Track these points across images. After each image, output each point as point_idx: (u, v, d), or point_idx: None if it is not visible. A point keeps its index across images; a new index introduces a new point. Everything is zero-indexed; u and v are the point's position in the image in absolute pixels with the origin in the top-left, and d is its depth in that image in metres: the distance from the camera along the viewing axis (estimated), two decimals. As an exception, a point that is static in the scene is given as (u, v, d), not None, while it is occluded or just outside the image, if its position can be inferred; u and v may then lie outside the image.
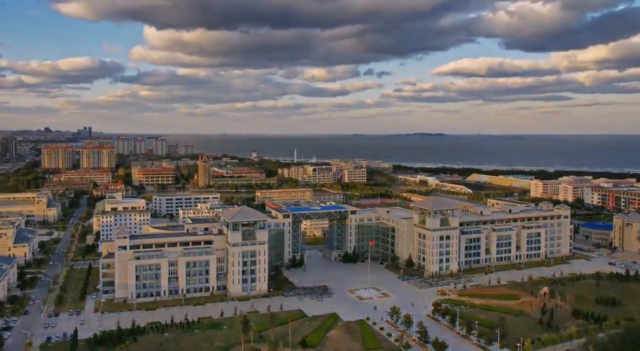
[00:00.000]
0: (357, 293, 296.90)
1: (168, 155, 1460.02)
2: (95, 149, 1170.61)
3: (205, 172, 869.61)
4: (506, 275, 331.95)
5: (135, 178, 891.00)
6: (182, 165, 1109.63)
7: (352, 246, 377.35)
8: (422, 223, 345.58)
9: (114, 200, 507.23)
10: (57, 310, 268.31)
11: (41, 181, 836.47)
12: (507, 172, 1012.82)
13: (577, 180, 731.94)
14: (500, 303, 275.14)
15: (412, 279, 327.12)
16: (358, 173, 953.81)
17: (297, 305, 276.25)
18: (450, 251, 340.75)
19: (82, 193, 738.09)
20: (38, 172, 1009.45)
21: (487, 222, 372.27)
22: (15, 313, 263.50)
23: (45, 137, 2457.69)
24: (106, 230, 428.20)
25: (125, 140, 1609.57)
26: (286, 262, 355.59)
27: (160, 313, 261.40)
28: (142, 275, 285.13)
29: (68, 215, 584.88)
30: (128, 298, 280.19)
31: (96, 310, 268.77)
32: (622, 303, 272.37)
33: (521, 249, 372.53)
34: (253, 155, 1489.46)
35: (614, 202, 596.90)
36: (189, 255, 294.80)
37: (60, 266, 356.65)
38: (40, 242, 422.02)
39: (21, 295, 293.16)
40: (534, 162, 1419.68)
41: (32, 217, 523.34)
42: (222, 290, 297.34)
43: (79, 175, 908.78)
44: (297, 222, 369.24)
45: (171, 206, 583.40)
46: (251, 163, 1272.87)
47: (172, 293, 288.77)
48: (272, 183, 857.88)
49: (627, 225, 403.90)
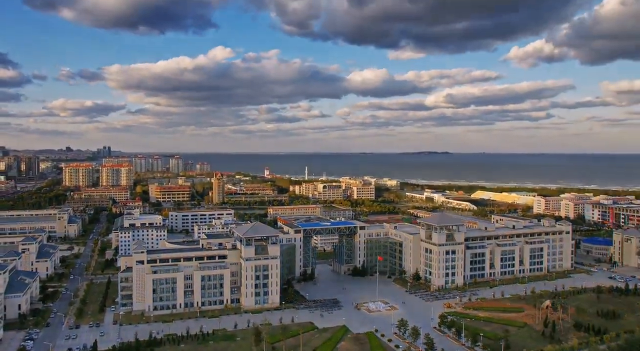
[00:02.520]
0: (366, 306, 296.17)
1: (184, 173, 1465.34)
2: (114, 167, 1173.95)
3: (219, 189, 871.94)
4: (510, 289, 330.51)
5: (152, 196, 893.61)
6: (198, 182, 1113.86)
7: (361, 260, 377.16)
8: (428, 239, 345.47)
9: (132, 217, 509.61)
10: (78, 322, 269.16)
11: (62, 198, 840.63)
12: (510, 189, 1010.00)
13: (578, 197, 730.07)
14: (504, 315, 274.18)
15: (419, 292, 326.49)
16: (366, 190, 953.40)
17: (308, 317, 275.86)
18: (455, 265, 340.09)
19: (102, 210, 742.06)
20: (59, 190, 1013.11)
21: (491, 238, 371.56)
22: (38, 325, 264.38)
23: (67, 156, 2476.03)
24: (124, 245, 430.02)
25: (143, 158, 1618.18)
26: (297, 276, 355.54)
27: (176, 325, 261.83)
28: (159, 288, 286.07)
29: (88, 231, 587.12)
30: (145, 311, 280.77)
31: (115, 322, 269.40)
32: (622, 316, 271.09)
33: (524, 264, 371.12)
34: (265, 173, 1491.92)
35: (613, 219, 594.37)
36: (204, 269, 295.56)
37: (80, 280, 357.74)
38: (61, 257, 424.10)
39: (43, 308, 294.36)
40: (537, 178, 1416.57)
41: (54, 233, 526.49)
42: (235, 303, 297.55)
43: (99, 192, 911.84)
44: (307, 237, 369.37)
45: (187, 222, 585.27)
46: (264, 180, 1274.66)
47: (188, 306, 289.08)
48: (283, 200, 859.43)
49: (627, 241, 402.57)
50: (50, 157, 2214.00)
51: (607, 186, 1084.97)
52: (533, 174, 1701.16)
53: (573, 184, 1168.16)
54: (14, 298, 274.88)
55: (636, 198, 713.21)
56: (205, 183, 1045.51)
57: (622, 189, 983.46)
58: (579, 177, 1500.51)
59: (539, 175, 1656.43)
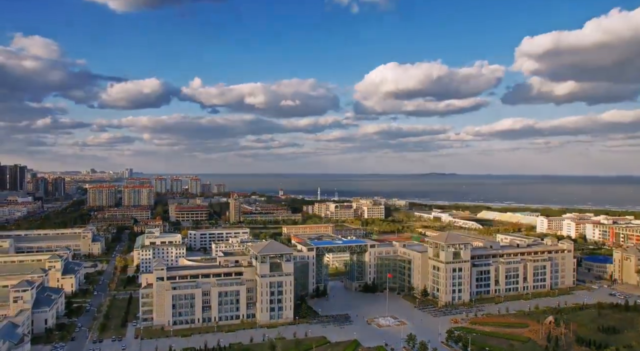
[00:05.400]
0: (376, 321, 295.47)
1: (202, 193, 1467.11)
2: (136, 188, 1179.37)
3: (236, 209, 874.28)
4: (514, 305, 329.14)
5: (172, 215, 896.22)
6: (215, 202, 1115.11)
7: (372, 277, 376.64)
8: (436, 256, 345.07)
9: (153, 235, 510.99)
10: (101, 336, 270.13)
11: (87, 218, 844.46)
12: (514, 209, 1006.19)
13: (580, 217, 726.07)
14: (509, 331, 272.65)
15: (427, 308, 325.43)
16: (376, 210, 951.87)
17: (321, 332, 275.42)
18: (462, 282, 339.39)
19: (124, 229, 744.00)
20: (84, 210, 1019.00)
21: (496, 255, 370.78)
22: (63, 339, 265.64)
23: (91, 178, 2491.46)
24: (145, 263, 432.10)
25: (163, 179, 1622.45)
26: (310, 292, 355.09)
27: (194, 339, 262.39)
28: (178, 304, 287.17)
29: (111, 249, 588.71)
30: (165, 326, 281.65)
31: (136, 336, 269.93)
32: (622, 332, 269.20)
33: (528, 281, 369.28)
34: (280, 193, 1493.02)
35: (613, 238, 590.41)
36: (221, 286, 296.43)
37: (103, 296, 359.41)
38: (85, 274, 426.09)
39: (68, 322, 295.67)
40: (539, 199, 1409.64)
41: (79, 251, 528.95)
42: (251, 317, 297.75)
43: (121, 212, 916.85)
44: (320, 254, 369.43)
45: (205, 240, 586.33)
46: (278, 200, 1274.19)
47: (206, 321, 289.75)
48: (297, 219, 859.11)
49: (626, 259, 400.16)
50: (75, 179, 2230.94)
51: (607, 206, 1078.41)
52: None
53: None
54: (41, 313, 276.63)
55: (635, 218, 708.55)
56: (222, 203, 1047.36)
57: (621, 210, 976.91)
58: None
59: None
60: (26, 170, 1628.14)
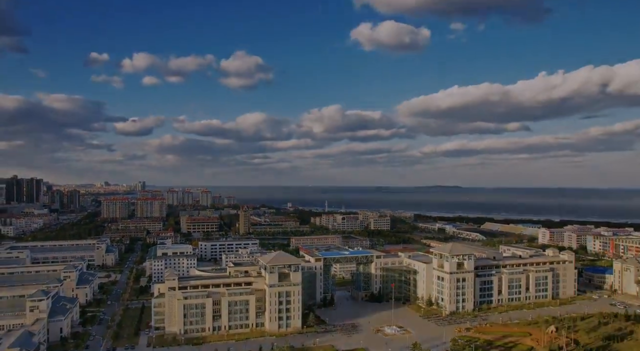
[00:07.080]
0: (382, 330, 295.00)
1: (212, 205, 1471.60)
2: (148, 200, 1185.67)
3: (245, 220, 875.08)
4: (517, 314, 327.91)
5: (183, 226, 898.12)
6: (225, 214, 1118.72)
7: (378, 287, 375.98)
8: (440, 267, 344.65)
9: (165, 246, 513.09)
10: (115, 345, 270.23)
11: (101, 229, 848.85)
12: (517, 221, 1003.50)
13: (581, 229, 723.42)
14: (512, 339, 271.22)
15: (432, 317, 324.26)
16: (382, 222, 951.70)
17: (328, 340, 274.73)
18: (466, 292, 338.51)
19: (137, 240, 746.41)
20: (98, 221, 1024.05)
21: (499, 266, 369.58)
22: (78, 347, 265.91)
23: (105, 190, 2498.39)
24: (158, 273, 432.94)
25: (175, 192, 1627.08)
26: (318, 302, 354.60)
27: (205, 347, 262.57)
28: (189, 313, 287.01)
29: (124, 259, 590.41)
30: (177, 334, 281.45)
31: (149, 344, 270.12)
32: (623, 341, 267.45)
33: (530, 290, 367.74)
34: (288, 205, 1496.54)
35: (613, 249, 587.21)
36: (231, 295, 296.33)
37: (117, 306, 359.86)
38: (99, 284, 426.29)
39: (83, 331, 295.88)
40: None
41: (93, 262, 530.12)
42: (260, 326, 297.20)
43: (134, 223, 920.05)
44: (327, 265, 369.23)
45: (215, 251, 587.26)
46: (286, 212, 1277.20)
47: (216, 330, 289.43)
48: (305, 231, 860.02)
49: (626, 270, 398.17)
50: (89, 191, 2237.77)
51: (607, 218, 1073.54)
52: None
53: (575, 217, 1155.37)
54: (57, 322, 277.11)
55: (635, 230, 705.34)
56: (232, 215, 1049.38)
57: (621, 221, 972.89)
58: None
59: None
60: (42, 183, 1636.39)
